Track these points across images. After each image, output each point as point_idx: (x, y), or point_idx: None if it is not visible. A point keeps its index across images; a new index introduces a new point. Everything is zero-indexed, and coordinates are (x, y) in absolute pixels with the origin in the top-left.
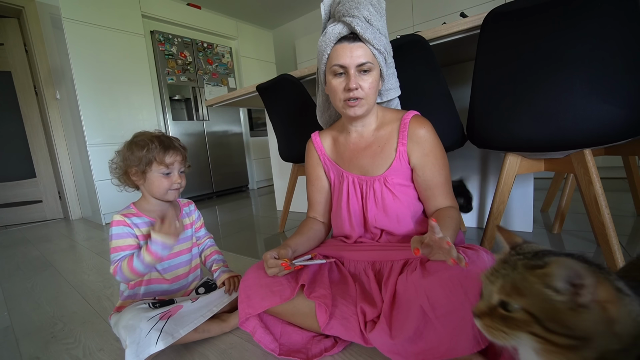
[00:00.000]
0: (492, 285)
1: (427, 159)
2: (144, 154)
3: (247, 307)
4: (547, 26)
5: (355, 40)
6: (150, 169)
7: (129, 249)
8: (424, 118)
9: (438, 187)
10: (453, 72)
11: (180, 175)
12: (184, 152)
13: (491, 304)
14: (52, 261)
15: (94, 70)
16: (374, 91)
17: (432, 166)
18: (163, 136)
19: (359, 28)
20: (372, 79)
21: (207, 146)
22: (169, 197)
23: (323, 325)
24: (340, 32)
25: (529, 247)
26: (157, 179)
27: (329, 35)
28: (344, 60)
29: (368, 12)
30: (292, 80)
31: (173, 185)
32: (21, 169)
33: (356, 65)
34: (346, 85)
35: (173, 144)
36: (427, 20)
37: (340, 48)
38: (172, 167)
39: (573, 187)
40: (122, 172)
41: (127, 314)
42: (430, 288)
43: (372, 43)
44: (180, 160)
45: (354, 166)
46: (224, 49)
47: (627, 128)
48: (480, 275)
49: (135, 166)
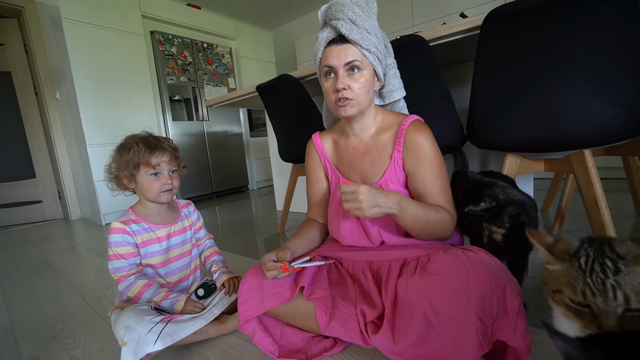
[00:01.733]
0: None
1: (420, 166)
2: (130, 157)
3: (247, 310)
4: (547, 27)
5: (343, 42)
6: (139, 172)
7: (128, 256)
8: (423, 124)
9: (430, 196)
10: (453, 72)
11: (171, 176)
12: (173, 152)
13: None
14: (51, 261)
15: (94, 70)
16: (365, 92)
17: (425, 174)
18: (150, 137)
19: (343, 29)
20: (363, 79)
21: (207, 146)
22: (162, 199)
23: (323, 327)
24: (328, 36)
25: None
26: (146, 181)
27: (319, 40)
28: (331, 61)
29: (353, 13)
30: (292, 81)
31: (164, 186)
32: (21, 169)
33: (343, 64)
34: (335, 85)
35: (160, 144)
36: (427, 21)
37: (329, 51)
38: (160, 167)
39: (573, 188)
40: (113, 177)
41: (127, 313)
42: (432, 293)
43: (360, 43)
44: (168, 160)
45: (354, 171)
46: (223, 49)
47: (627, 128)
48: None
49: (124, 170)
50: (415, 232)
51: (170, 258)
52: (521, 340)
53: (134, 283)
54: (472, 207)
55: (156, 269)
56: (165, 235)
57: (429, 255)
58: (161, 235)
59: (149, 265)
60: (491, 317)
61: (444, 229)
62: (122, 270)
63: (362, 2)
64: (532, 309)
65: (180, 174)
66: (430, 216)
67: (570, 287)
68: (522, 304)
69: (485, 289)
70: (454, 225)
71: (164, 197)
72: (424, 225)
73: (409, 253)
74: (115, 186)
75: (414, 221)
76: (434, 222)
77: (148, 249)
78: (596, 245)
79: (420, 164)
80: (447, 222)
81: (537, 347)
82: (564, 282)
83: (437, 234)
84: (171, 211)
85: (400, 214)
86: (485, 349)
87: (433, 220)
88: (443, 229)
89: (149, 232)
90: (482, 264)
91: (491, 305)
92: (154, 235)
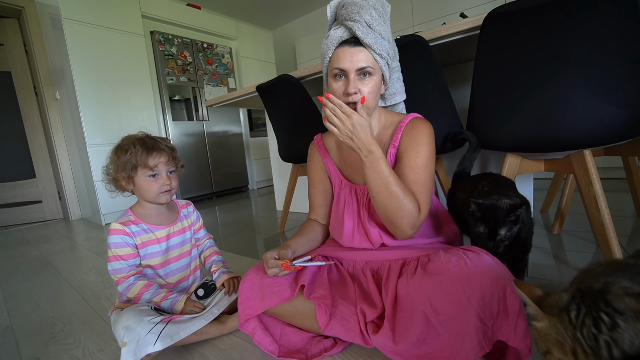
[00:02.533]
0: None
1: (405, 154)
2: (127, 159)
3: (247, 308)
4: (547, 27)
5: (356, 45)
6: (137, 173)
7: (128, 258)
8: (423, 119)
9: (404, 182)
10: (453, 72)
11: (169, 176)
12: (170, 152)
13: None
14: (51, 261)
15: (94, 70)
16: (374, 96)
17: (407, 161)
18: (147, 137)
19: (359, 32)
20: (372, 83)
21: (207, 146)
22: (161, 200)
23: (323, 326)
24: (342, 35)
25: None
26: (144, 182)
27: (331, 39)
28: (344, 64)
29: (370, 17)
30: (292, 81)
31: (162, 187)
32: (21, 169)
33: (356, 69)
34: (345, 89)
35: (157, 145)
36: (427, 21)
37: (341, 52)
38: (157, 168)
39: (573, 188)
40: (111, 179)
41: (127, 313)
42: (433, 293)
43: (374, 48)
44: (165, 160)
45: (356, 172)
46: (223, 50)
47: (627, 128)
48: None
49: (122, 171)
50: (372, 193)
51: (170, 259)
52: (522, 341)
53: (134, 284)
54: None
55: (156, 269)
56: (165, 236)
57: (429, 256)
58: (160, 236)
59: (149, 266)
60: (491, 317)
61: (401, 212)
62: (122, 271)
63: (379, 5)
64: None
65: (178, 173)
66: (392, 185)
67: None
68: (523, 304)
69: (486, 289)
70: (417, 223)
71: (163, 198)
72: (382, 189)
73: (409, 253)
74: (114, 188)
75: (375, 178)
76: (394, 195)
77: (147, 250)
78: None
79: (406, 151)
80: (408, 209)
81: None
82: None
83: (392, 213)
84: (170, 212)
85: (365, 162)
86: (486, 349)
87: (394, 191)
88: (400, 211)
89: (149, 233)
90: (482, 264)
91: (492, 306)
92: (154, 236)
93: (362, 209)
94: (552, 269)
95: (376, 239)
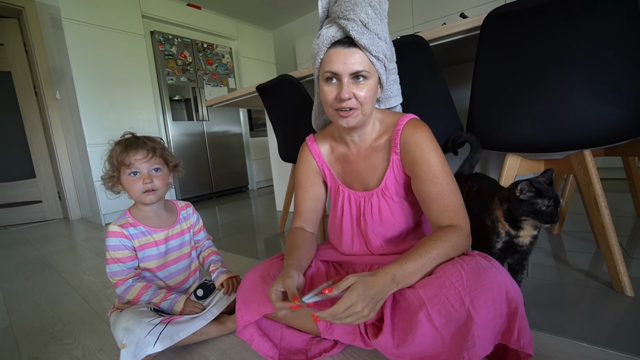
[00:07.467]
0: None
1: (417, 166)
2: (109, 159)
3: (245, 314)
4: (547, 27)
5: (350, 46)
6: (120, 173)
7: (126, 260)
8: (419, 122)
9: (432, 200)
10: (453, 72)
11: (151, 175)
12: (151, 150)
13: None
14: (51, 261)
15: (94, 70)
16: (369, 100)
17: (423, 174)
18: (131, 137)
19: (354, 33)
20: (367, 87)
21: (207, 146)
22: (145, 200)
23: (323, 330)
24: (334, 35)
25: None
26: (126, 181)
27: (322, 38)
28: (336, 67)
29: (366, 15)
30: (292, 81)
31: (144, 186)
32: (21, 169)
33: (350, 73)
34: (338, 94)
35: (135, 143)
36: (427, 21)
37: (333, 53)
38: (135, 166)
39: (573, 188)
40: (106, 182)
41: (126, 315)
42: (432, 296)
43: (369, 50)
44: (142, 157)
45: (355, 179)
46: (223, 50)
47: (627, 129)
48: None
49: (111, 173)
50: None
51: (168, 262)
52: (522, 342)
53: (132, 286)
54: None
55: (154, 272)
56: (163, 239)
57: None
58: (159, 239)
59: (147, 269)
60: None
61: (459, 249)
62: (120, 274)
63: (375, 2)
64: (532, 309)
65: (176, 174)
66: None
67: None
68: (523, 305)
69: (484, 291)
70: (469, 234)
71: (147, 198)
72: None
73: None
74: (110, 191)
75: (423, 270)
76: (444, 255)
77: (145, 253)
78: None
79: (417, 163)
80: (461, 241)
81: (538, 348)
82: None
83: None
84: (169, 213)
85: (405, 282)
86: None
87: (442, 253)
88: (459, 250)
89: (147, 235)
90: (480, 267)
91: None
92: (152, 239)
93: (361, 217)
94: (552, 269)
95: (377, 247)
